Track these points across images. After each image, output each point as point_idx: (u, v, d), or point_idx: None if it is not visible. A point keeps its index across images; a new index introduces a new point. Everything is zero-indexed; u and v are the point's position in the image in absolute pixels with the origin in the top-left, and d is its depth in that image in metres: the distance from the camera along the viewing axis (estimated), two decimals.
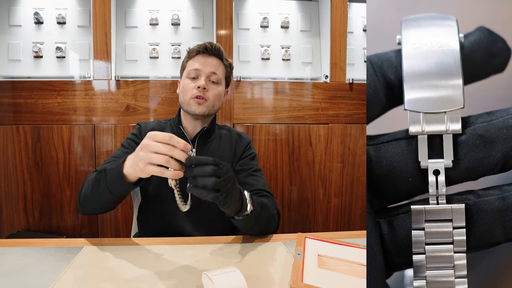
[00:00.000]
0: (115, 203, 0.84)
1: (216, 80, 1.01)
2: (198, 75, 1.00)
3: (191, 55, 1.03)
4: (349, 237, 0.89)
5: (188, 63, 1.03)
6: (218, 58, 1.03)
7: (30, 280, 0.63)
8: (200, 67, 1.00)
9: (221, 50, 1.03)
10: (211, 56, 1.02)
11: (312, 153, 1.91)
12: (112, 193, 0.77)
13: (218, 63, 1.02)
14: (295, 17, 1.98)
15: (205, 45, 1.01)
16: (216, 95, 1.01)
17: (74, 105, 1.75)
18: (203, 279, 0.60)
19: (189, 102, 0.99)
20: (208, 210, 0.99)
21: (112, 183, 0.76)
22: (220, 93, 1.03)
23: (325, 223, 1.95)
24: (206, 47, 1.01)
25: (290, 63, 1.96)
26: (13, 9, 1.78)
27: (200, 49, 1.01)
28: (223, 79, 1.05)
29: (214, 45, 1.02)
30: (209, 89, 1.00)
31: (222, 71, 1.04)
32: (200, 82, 0.98)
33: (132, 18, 1.86)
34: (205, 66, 1.00)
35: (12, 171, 1.74)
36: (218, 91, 1.02)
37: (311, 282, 0.55)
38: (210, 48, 1.01)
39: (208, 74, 1.00)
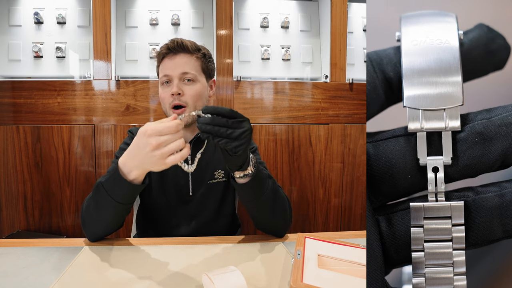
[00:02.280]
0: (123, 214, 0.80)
1: (191, 78, 0.93)
2: (169, 79, 0.93)
3: (158, 59, 0.97)
4: (349, 237, 0.89)
5: (159, 69, 0.97)
6: (186, 53, 0.94)
7: (30, 280, 0.63)
8: (169, 71, 0.93)
9: (185, 44, 0.93)
10: (178, 54, 0.93)
11: (312, 153, 1.91)
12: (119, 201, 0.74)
13: (187, 59, 0.94)
14: (295, 17, 1.98)
15: (167, 46, 0.94)
16: (194, 95, 0.93)
17: (74, 105, 1.75)
18: (203, 279, 0.60)
19: (169, 113, 0.94)
20: (208, 213, 1.00)
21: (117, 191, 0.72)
22: (199, 90, 0.95)
23: (325, 223, 1.95)
24: (168, 48, 0.93)
25: (290, 63, 1.96)
26: (13, 9, 1.78)
27: (164, 50, 0.94)
28: (201, 73, 0.96)
29: (176, 41, 0.93)
30: (184, 93, 0.92)
31: (195, 65, 0.95)
32: (173, 89, 0.91)
33: (132, 18, 1.86)
34: (173, 69, 0.92)
35: (12, 171, 1.74)
36: (196, 90, 0.94)
37: (311, 282, 0.55)
38: (173, 47, 0.93)
39: (179, 76, 0.92)
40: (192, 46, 0.95)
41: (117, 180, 0.71)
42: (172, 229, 0.99)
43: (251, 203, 0.83)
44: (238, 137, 0.64)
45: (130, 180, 0.71)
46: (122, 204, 0.75)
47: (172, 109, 0.93)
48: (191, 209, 0.99)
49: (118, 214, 0.78)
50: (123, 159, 0.70)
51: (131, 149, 0.69)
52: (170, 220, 0.99)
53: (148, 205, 1.01)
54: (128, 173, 0.70)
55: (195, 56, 0.95)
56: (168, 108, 0.94)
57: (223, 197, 1.02)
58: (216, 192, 1.01)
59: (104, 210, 0.76)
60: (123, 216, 0.80)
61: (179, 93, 0.91)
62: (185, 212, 0.99)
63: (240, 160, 0.72)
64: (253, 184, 0.77)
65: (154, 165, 0.65)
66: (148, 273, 0.67)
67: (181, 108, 0.92)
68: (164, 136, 0.62)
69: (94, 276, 0.66)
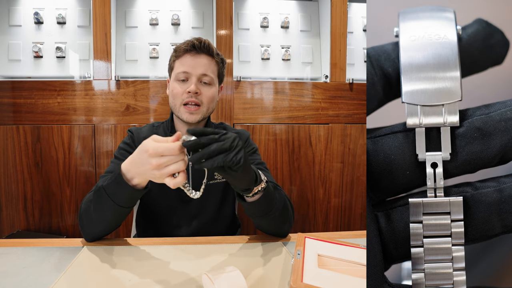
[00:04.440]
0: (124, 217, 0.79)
1: (208, 81, 0.93)
2: (187, 77, 0.92)
3: (178, 54, 0.94)
4: (349, 237, 0.89)
5: (175, 64, 0.94)
6: (208, 56, 0.93)
7: (30, 280, 0.63)
8: (189, 69, 0.91)
9: (210, 47, 0.94)
10: (200, 54, 0.92)
11: (312, 153, 1.91)
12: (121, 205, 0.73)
13: (208, 61, 0.93)
14: (295, 17, 1.98)
15: (193, 43, 0.91)
16: (209, 98, 0.93)
17: (74, 105, 1.75)
18: (203, 279, 0.60)
19: (179, 109, 0.93)
20: (208, 213, 1.00)
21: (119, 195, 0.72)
22: (214, 94, 0.95)
23: (325, 223, 1.95)
24: (194, 45, 0.91)
25: (290, 63, 1.96)
26: (13, 9, 1.78)
27: (188, 47, 0.92)
28: (216, 78, 0.96)
29: (203, 42, 0.92)
30: (201, 93, 0.92)
31: (214, 69, 0.95)
32: (191, 87, 0.90)
33: (132, 18, 1.86)
34: (194, 67, 0.91)
35: (12, 171, 1.74)
36: (212, 93, 0.94)
37: (311, 282, 0.55)
38: (198, 46, 0.91)
39: (199, 76, 0.92)
40: (215, 50, 0.95)
41: (120, 185, 0.70)
42: (172, 229, 0.99)
43: (260, 218, 0.80)
44: (231, 146, 0.60)
45: (133, 185, 0.70)
46: (124, 207, 0.74)
47: (186, 107, 0.91)
48: (191, 210, 0.99)
49: (118, 216, 0.78)
50: (127, 166, 0.69)
51: (133, 159, 0.67)
52: (171, 220, 0.99)
53: (148, 206, 1.01)
54: (131, 179, 0.70)
55: (215, 60, 0.95)
56: (179, 104, 0.92)
57: (223, 198, 1.02)
58: (216, 193, 1.01)
59: (104, 213, 0.76)
60: (123, 218, 0.80)
61: (196, 92, 0.90)
62: (186, 213, 0.99)
63: (247, 175, 0.67)
64: (263, 200, 0.75)
65: (156, 180, 0.64)
66: (148, 273, 0.67)
67: (195, 106, 0.92)
68: (165, 158, 0.60)
69: (94, 276, 0.66)
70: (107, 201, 0.72)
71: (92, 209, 0.76)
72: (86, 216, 0.79)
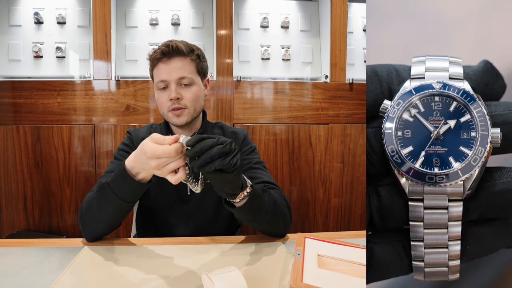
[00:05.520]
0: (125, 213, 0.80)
1: (188, 82, 0.93)
2: (166, 85, 0.92)
3: (153, 63, 0.94)
4: (349, 237, 0.89)
5: (153, 73, 0.95)
6: (181, 57, 0.92)
7: (30, 280, 0.63)
8: (166, 76, 0.91)
9: (180, 48, 0.92)
10: (172, 58, 0.92)
11: (312, 153, 1.91)
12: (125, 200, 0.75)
13: (182, 63, 0.92)
14: (295, 17, 1.98)
15: (161, 50, 0.91)
16: (192, 99, 0.93)
17: (74, 105, 1.75)
18: (203, 279, 0.60)
19: (167, 115, 0.94)
20: (206, 213, 1.00)
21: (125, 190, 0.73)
22: (197, 93, 0.94)
23: (325, 223, 1.95)
24: (163, 52, 0.91)
25: (290, 63, 1.96)
26: (13, 9, 1.78)
27: (158, 55, 0.92)
28: (196, 74, 0.95)
29: (171, 45, 0.91)
30: (183, 97, 0.92)
31: (191, 68, 0.93)
32: (171, 94, 0.90)
33: (132, 18, 1.86)
34: (170, 73, 0.91)
35: (12, 171, 1.74)
36: (193, 93, 0.94)
37: (311, 282, 0.55)
38: (167, 51, 0.91)
39: (177, 81, 0.91)
40: (186, 48, 0.93)
41: (125, 180, 0.72)
42: (171, 228, 0.99)
43: (250, 222, 0.81)
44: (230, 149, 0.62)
45: (138, 180, 0.72)
46: (128, 202, 0.76)
47: (172, 111, 0.93)
48: (189, 209, 0.99)
49: (121, 213, 0.79)
50: (131, 163, 0.71)
51: (136, 158, 0.69)
52: (169, 220, 0.99)
53: (147, 205, 1.01)
54: (137, 174, 0.72)
55: (189, 58, 0.94)
56: (166, 111, 0.94)
57: (221, 198, 1.02)
58: (213, 192, 1.01)
59: (107, 210, 0.77)
60: (124, 215, 0.81)
61: (178, 97, 0.91)
62: (183, 212, 0.99)
63: (239, 178, 0.69)
64: (250, 204, 0.76)
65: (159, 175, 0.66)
66: (148, 273, 0.67)
67: (179, 109, 0.93)
68: (162, 158, 0.62)
69: (94, 276, 0.66)
70: (111, 196, 0.74)
71: (95, 206, 0.77)
72: (88, 214, 0.80)
